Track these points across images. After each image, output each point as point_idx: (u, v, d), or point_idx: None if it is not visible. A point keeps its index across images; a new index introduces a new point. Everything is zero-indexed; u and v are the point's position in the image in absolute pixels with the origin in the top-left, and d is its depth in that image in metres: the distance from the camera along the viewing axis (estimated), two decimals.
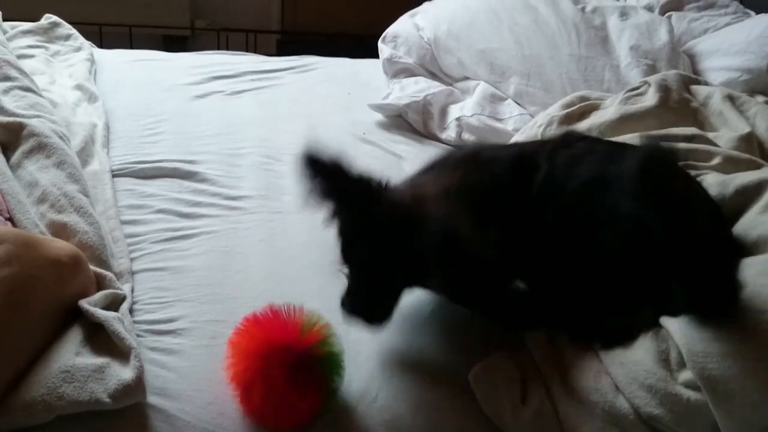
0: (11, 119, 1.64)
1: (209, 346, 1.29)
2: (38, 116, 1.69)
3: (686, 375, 1.10)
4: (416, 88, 2.25)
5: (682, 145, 1.51)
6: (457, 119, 2.11)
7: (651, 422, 1.11)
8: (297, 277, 1.48)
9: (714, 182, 1.35)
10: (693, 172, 1.42)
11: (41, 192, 1.48)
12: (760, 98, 1.88)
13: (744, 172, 1.38)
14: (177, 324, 1.33)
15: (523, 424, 1.15)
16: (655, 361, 1.13)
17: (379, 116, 2.21)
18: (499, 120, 2.11)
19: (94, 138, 1.81)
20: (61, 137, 1.65)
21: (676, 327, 1.12)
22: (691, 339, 1.09)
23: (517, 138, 1.90)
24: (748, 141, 1.59)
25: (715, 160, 1.48)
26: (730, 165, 1.47)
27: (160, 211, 1.63)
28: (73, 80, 2.13)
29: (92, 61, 2.30)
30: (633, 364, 1.14)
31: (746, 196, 1.31)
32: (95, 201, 1.56)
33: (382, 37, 2.54)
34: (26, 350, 1.15)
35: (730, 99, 1.74)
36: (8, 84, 1.82)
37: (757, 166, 1.48)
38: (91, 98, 2.03)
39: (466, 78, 2.34)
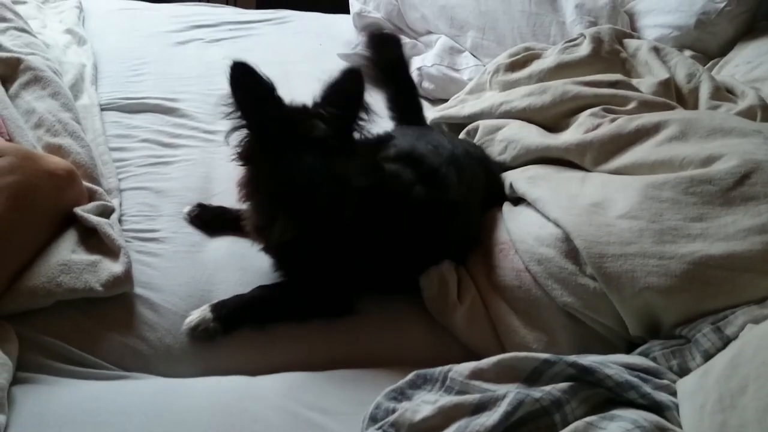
0: (9, 55, 1.81)
1: (189, 252, 1.49)
2: (33, 54, 1.86)
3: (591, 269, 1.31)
4: None
5: (605, 90, 1.72)
6: (419, 69, 2.29)
7: (566, 309, 1.34)
8: None
9: (617, 123, 1.56)
10: (610, 116, 1.63)
11: (38, 118, 1.65)
12: (688, 53, 2.08)
13: (647, 114, 1.59)
14: (160, 234, 1.53)
15: (458, 318, 1.37)
16: (565, 258, 1.35)
17: (347, 65, 2.38)
18: (456, 70, 2.30)
19: (84, 76, 1.99)
20: (54, 72, 1.82)
21: (577, 232, 1.33)
22: (589, 243, 1.31)
23: (470, 85, 2.09)
24: (666, 86, 1.79)
25: (631, 105, 1.68)
26: (645, 108, 1.67)
27: (144, 140, 1.81)
28: (64, 25, 2.29)
29: (80, 8, 2.46)
30: (547, 261, 1.35)
31: (643, 133, 1.52)
32: (86, 130, 1.73)
33: None
34: (29, 247, 1.35)
35: (656, 50, 1.93)
36: (5, 25, 1.98)
37: (671, 108, 1.68)
38: (80, 41, 2.20)
39: (429, 32, 2.52)
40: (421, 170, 1.45)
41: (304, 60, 2.40)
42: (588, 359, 1.14)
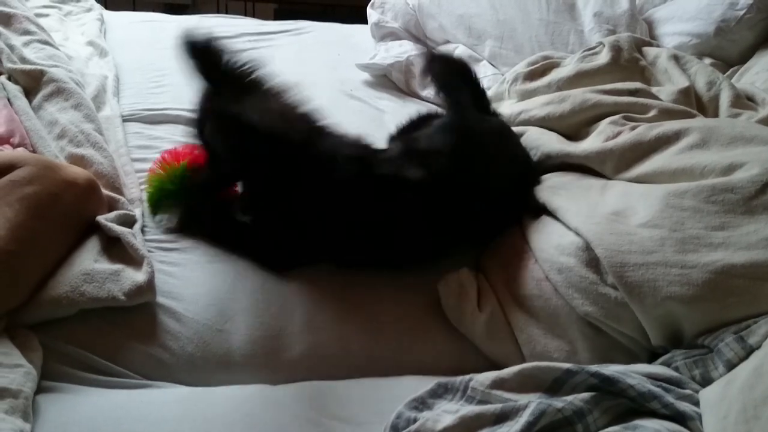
0: (33, 67, 1.83)
1: (211, 262, 1.49)
2: (56, 66, 1.89)
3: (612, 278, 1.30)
4: (400, 50, 2.44)
5: (625, 98, 1.71)
6: None
7: (587, 318, 1.33)
8: None
9: (638, 131, 1.56)
10: (630, 124, 1.63)
11: (60, 129, 1.67)
12: (707, 60, 2.07)
13: (668, 122, 1.58)
14: (182, 243, 1.53)
15: (478, 327, 1.37)
16: (586, 267, 1.34)
17: (365, 75, 2.41)
18: None
19: (106, 87, 2.01)
20: (77, 84, 1.84)
21: (598, 241, 1.32)
22: (611, 252, 1.30)
23: (488, 94, 2.09)
24: (686, 94, 1.78)
25: (652, 113, 1.67)
26: (666, 116, 1.66)
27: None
28: (85, 37, 2.32)
29: (102, 20, 2.49)
30: (568, 270, 1.35)
31: (664, 141, 1.52)
32: (108, 141, 1.74)
33: (371, 2, 2.73)
34: (51, 256, 1.36)
35: (675, 58, 1.93)
36: (28, 38, 2.01)
37: (691, 116, 1.68)
38: (102, 53, 2.22)
39: (447, 41, 2.53)
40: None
41: (324, 70, 2.42)
42: (610, 369, 1.14)
